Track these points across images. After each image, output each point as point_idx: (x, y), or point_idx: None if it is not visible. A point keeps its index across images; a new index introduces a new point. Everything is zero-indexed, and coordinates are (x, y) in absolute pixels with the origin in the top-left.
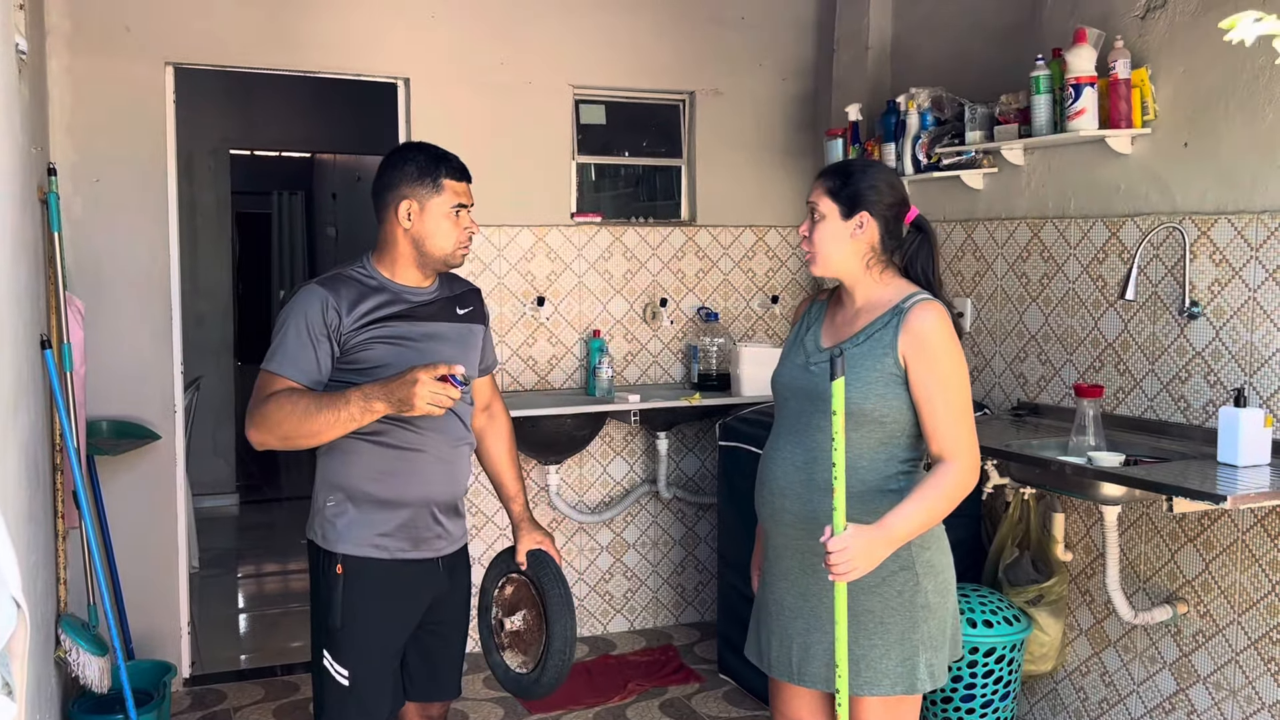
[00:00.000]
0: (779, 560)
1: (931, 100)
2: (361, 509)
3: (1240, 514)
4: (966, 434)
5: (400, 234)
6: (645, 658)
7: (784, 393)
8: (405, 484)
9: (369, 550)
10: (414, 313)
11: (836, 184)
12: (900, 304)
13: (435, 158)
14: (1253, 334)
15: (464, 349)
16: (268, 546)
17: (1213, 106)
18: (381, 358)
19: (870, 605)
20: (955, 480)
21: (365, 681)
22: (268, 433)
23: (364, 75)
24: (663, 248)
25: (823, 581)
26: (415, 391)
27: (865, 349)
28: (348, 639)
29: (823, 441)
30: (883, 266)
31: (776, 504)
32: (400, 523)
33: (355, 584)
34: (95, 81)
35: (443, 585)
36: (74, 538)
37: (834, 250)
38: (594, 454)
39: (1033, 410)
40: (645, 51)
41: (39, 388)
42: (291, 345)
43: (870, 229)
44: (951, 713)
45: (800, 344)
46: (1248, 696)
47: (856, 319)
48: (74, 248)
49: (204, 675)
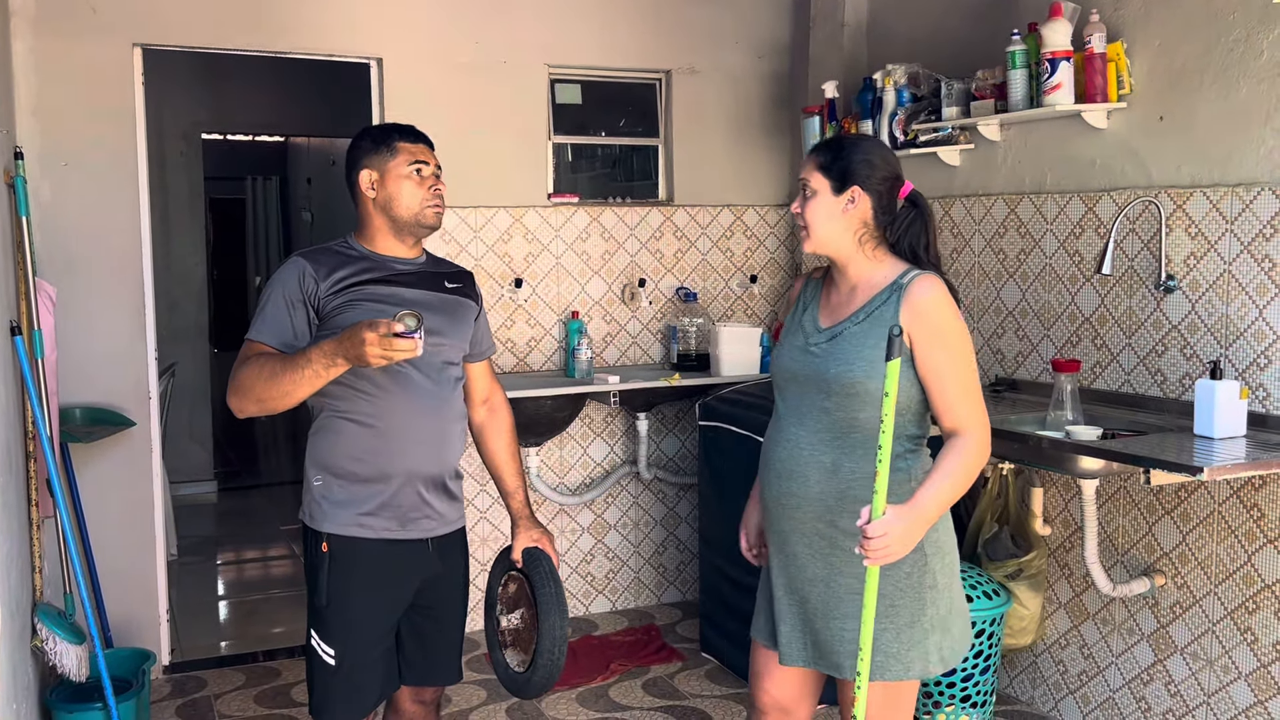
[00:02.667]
0: (785, 544)
1: (908, 77)
2: (346, 488)
3: (1217, 486)
4: (978, 406)
5: (370, 206)
6: (628, 638)
7: (784, 376)
8: (388, 459)
9: (354, 529)
10: (396, 279)
11: (827, 158)
12: (899, 280)
13: (387, 128)
14: (1228, 307)
15: (452, 320)
16: (246, 533)
17: (1188, 80)
18: (356, 319)
19: (880, 588)
20: (975, 452)
21: (351, 662)
22: (243, 397)
23: (336, 56)
24: (640, 228)
25: (833, 565)
26: (366, 350)
27: (866, 327)
28: (334, 619)
29: (828, 424)
30: (875, 243)
31: (784, 487)
32: (384, 500)
33: (341, 564)
34: (61, 64)
35: (433, 568)
36: (49, 526)
37: (826, 226)
38: (574, 435)
39: (1010, 385)
40: (620, 30)
41: (10, 375)
42: (269, 312)
43: (863, 204)
44: (932, 687)
45: (799, 326)
46: (1224, 666)
47: (853, 297)
48: (43, 233)
49: (184, 662)
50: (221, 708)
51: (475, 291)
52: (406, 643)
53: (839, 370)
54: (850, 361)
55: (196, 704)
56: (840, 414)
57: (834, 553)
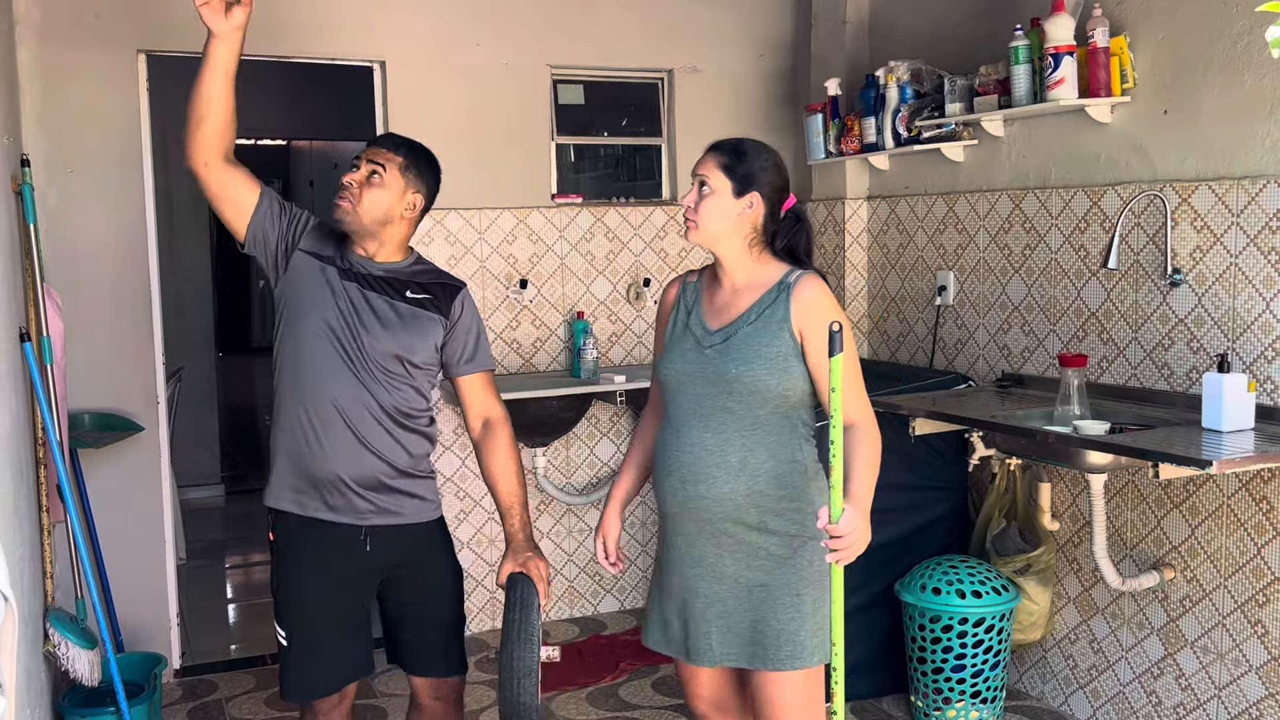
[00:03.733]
0: (690, 547)
1: (910, 73)
2: (284, 467)
3: (1225, 479)
4: (864, 396)
5: None
6: (636, 637)
7: (678, 379)
8: (314, 460)
9: (288, 505)
10: (349, 272)
11: (731, 160)
12: (784, 279)
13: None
14: (1235, 300)
15: (402, 330)
16: (254, 536)
17: (1192, 73)
18: (296, 269)
19: (785, 579)
20: (875, 439)
21: (301, 642)
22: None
23: (339, 59)
24: (644, 227)
25: (742, 562)
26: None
27: (759, 326)
28: (283, 600)
29: (731, 423)
30: (760, 247)
31: (689, 490)
32: (312, 485)
33: (283, 545)
34: (67, 71)
35: (382, 557)
36: (60, 532)
37: (719, 225)
38: (580, 435)
39: (1017, 381)
40: (622, 30)
41: (19, 381)
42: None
43: (758, 209)
44: (942, 683)
45: (687, 329)
46: (1235, 659)
47: (737, 299)
48: (50, 239)
49: (194, 666)
50: (233, 711)
51: (451, 306)
52: (399, 631)
53: (739, 369)
54: (749, 360)
55: (208, 707)
56: (743, 412)
57: (742, 549)
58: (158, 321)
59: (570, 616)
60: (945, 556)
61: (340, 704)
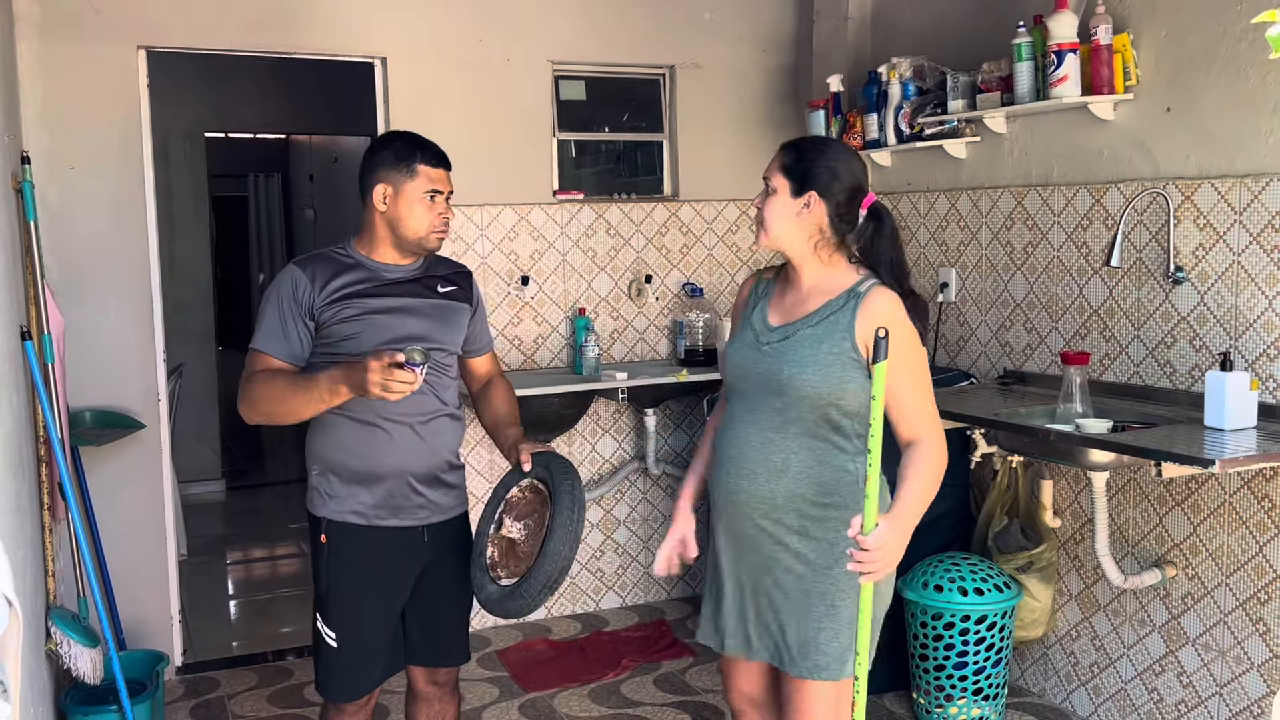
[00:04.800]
0: (732, 541)
1: (913, 70)
2: (340, 479)
3: (1227, 477)
4: (933, 413)
5: (377, 217)
6: (638, 633)
7: (736, 373)
8: (378, 457)
9: (349, 516)
10: (386, 289)
11: (790, 159)
12: (855, 288)
13: (412, 144)
14: (1237, 298)
15: (441, 324)
16: (255, 532)
17: (1195, 70)
18: (349, 331)
19: (822, 588)
20: (937, 458)
21: (352, 645)
22: (252, 410)
23: (340, 55)
24: (646, 224)
25: (777, 561)
26: (368, 379)
27: (822, 331)
28: (334, 603)
29: (778, 423)
30: (831, 249)
31: (731, 484)
32: (375, 492)
33: (338, 550)
34: (67, 67)
35: (429, 554)
36: (61, 530)
37: (782, 226)
38: (582, 432)
39: (1019, 378)
40: (624, 26)
41: (20, 379)
42: (271, 323)
43: (818, 210)
44: (944, 680)
45: (749, 323)
46: (1236, 657)
47: (808, 300)
48: (51, 236)
49: (196, 663)
50: (235, 708)
51: (471, 291)
52: (413, 626)
53: (791, 371)
54: (803, 364)
55: (210, 705)
56: (792, 414)
57: (778, 550)
58: (158, 318)
59: (573, 613)
60: (947, 554)
61: (371, 700)
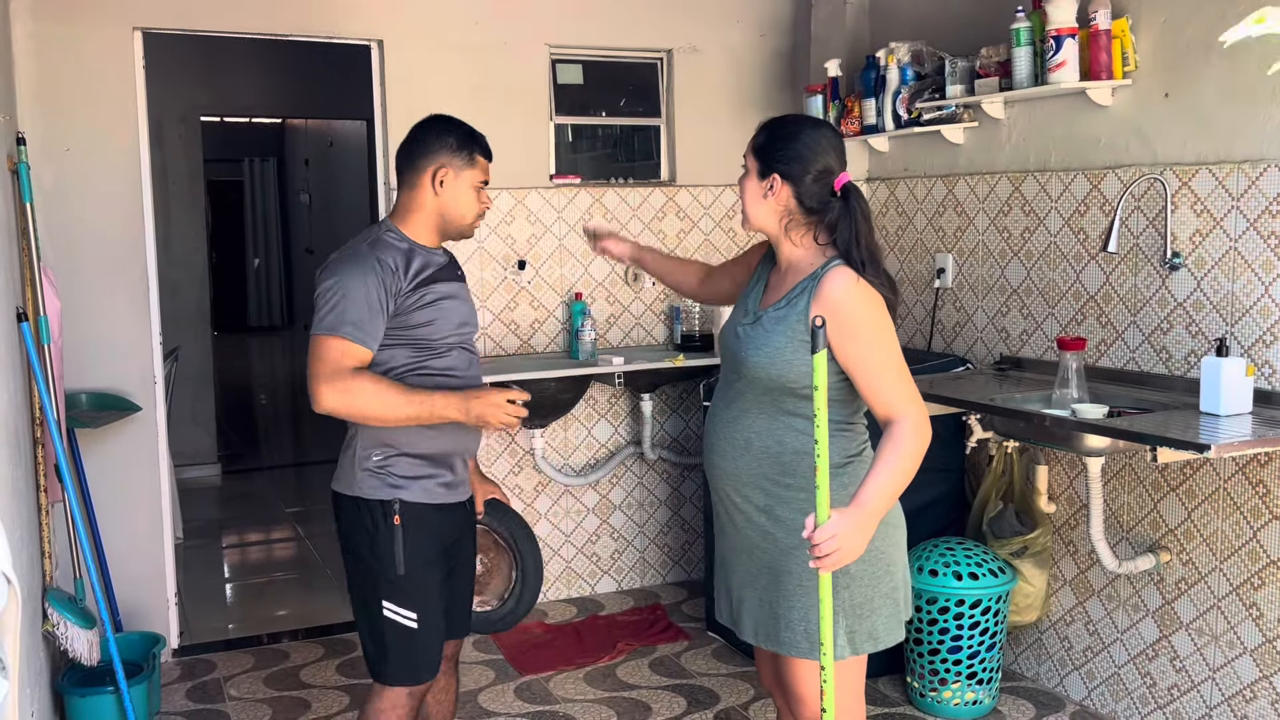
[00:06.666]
0: (718, 517)
1: (911, 54)
2: (414, 461)
3: (1222, 463)
4: (906, 388)
5: (429, 199)
6: (634, 617)
7: (721, 352)
8: (446, 439)
9: (423, 496)
10: (441, 274)
11: (762, 139)
12: (817, 271)
13: (471, 134)
14: (1234, 284)
15: (471, 308)
16: (251, 516)
17: (1193, 57)
18: (425, 318)
19: (789, 566)
20: (913, 437)
21: (429, 621)
22: (347, 405)
23: (336, 38)
24: (643, 208)
25: (748, 539)
26: (491, 412)
27: (782, 314)
28: (413, 584)
29: (743, 406)
30: (803, 231)
31: (711, 460)
32: (445, 472)
33: (414, 531)
34: (62, 48)
35: (467, 525)
36: (58, 512)
37: (753, 209)
38: (579, 417)
39: (1015, 364)
40: (621, 9)
41: (16, 361)
42: (359, 312)
43: (783, 192)
44: (939, 664)
45: (743, 302)
46: (1229, 641)
47: (785, 281)
48: (47, 218)
49: (192, 645)
50: (232, 690)
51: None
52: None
53: (749, 355)
54: (758, 347)
55: (207, 686)
56: (751, 395)
57: (752, 528)
58: (154, 301)
59: (568, 597)
60: (942, 538)
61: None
